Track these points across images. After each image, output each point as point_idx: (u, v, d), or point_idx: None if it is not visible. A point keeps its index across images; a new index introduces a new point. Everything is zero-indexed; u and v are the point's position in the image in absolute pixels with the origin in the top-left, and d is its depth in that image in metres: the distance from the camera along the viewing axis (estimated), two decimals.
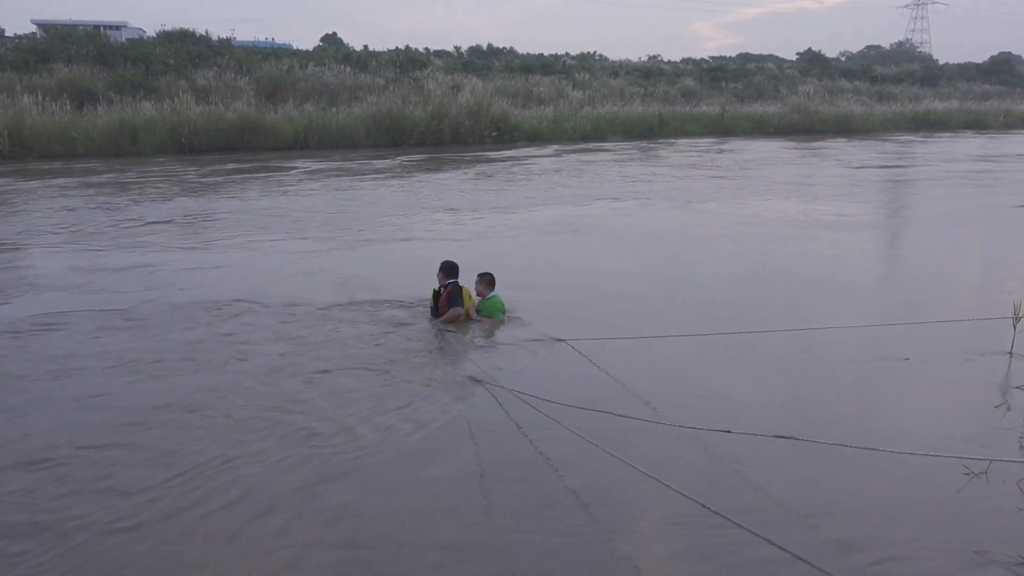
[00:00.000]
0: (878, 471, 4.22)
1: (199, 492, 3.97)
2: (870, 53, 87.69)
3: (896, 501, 3.96)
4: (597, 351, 6.03)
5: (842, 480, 4.15)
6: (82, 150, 22.75)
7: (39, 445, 4.47)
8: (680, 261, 9.91)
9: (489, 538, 3.61)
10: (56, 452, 4.37)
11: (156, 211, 13.30)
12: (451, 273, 6.86)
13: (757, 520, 3.62)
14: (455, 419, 4.91)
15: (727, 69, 49.12)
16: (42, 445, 4.46)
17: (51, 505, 3.83)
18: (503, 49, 61.82)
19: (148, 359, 5.91)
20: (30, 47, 32.10)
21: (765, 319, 6.93)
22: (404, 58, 39.76)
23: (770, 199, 14.96)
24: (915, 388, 5.60)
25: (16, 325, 6.69)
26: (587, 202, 14.39)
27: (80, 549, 3.48)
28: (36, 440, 4.54)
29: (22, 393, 5.24)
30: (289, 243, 10.56)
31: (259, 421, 4.84)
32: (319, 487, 4.05)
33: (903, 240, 11.94)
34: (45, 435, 4.59)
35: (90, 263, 9.26)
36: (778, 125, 36.22)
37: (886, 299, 8.20)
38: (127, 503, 3.84)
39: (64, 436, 4.56)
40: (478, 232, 11.48)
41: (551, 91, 36.60)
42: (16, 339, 6.36)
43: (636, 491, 3.99)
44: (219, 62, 31.79)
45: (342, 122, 27.00)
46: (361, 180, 17.83)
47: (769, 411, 5.09)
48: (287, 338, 6.43)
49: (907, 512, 3.86)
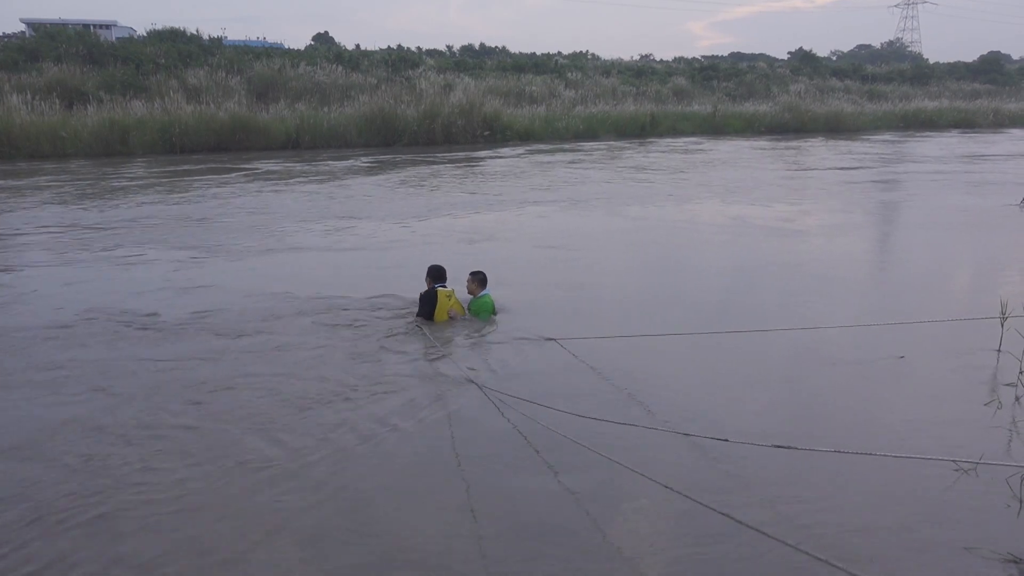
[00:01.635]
0: (871, 470, 4.22)
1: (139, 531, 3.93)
2: (861, 52, 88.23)
3: (888, 501, 3.96)
4: (586, 351, 6.03)
5: (836, 482, 4.15)
6: (72, 150, 22.60)
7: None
8: (544, 265, 9.28)
9: (472, 546, 3.58)
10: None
11: (42, 218, 12.37)
12: (436, 277, 6.92)
13: (754, 519, 3.62)
14: (440, 422, 4.89)
15: (719, 68, 49.27)
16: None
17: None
18: (495, 48, 61.89)
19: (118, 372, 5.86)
20: (19, 46, 31.88)
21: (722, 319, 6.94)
22: (396, 57, 39.70)
23: (689, 202, 14.45)
24: (908, 386, 5.61)
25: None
26: (508, 207, 13.62)
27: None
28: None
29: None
30: (162, 252, 9.85)
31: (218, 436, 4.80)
32: (293, 497, 4.02)
33: (812, 242, 11.73)
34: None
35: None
36: (769, 124, 36.33)
37: (872, 299, 8.23)
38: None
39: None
40: (367, 241, 10.65)
41: (543, 90, 36.60)
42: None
43: (630, 491, 3.99)
44: (210, 61, 31.65)
45: (334, 122, 26.92)
46: (290, 184, 16.79)
47: (764, 413, 5.08)
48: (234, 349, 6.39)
49: (898, 512, 3.86)
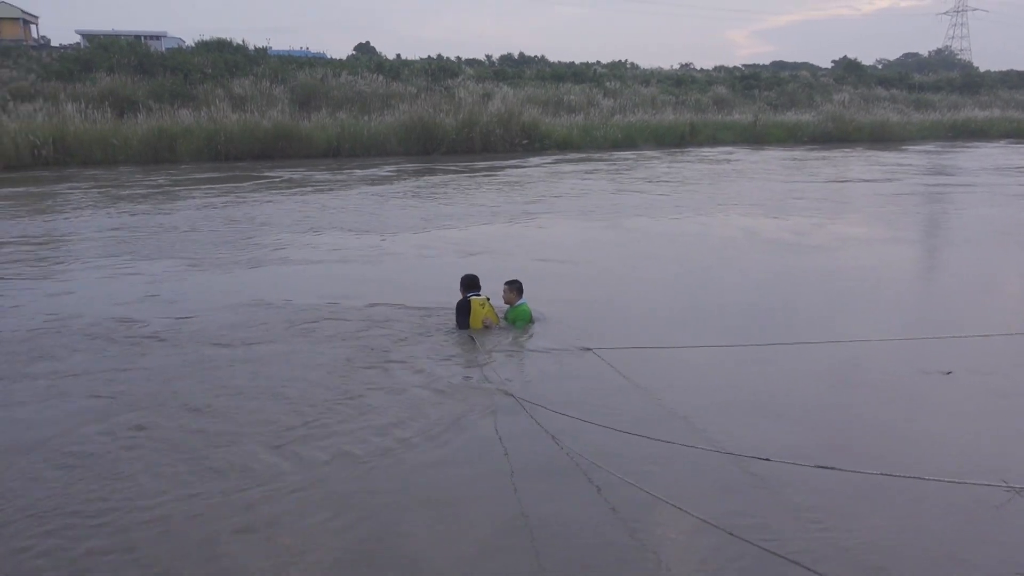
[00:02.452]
0: (919, 493, 4.08)
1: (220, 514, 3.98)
2: (908, 61, 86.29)
3: (938, 526, 3.83)
4: (624, 362, 5.97)
5: (881, 505, 4.02)
6: (122, 157, 23.33)
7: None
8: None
9: (504, 566, 3.55)
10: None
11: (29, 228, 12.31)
12: (469, 286, 6.95)
13: (796, 550, 3.54)
14: (476, 435, 4.88)
15: (760, 77, 48.68)
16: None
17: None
18: (534, 58, 62.04)
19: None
20: (74, 57, 33.08)
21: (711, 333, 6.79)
22: (436, 67, 40.11)
23: (720, 214, 13.91)
24: (955, 403, 5.43)
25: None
26: (492, 221, 13.10)
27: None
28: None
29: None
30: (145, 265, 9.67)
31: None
32: (335, 502, 4.05)
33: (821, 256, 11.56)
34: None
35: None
36: (812, 134, 35.70)
37: (918, 312, 8.00)
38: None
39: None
40: (345, 254, 10.42)
41: (582, 99, 36.57)
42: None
43: (666, 519, 3.93)
44: (255, 71, 32.41)
45: (374, 130, 27.28)
46: (333, 192, 16.95)
47: (805, 430, 4.97)
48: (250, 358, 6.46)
49: (949, 538, 3.73)
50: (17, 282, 8.79)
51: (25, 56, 33.64)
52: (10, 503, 3.93)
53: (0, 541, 3.60)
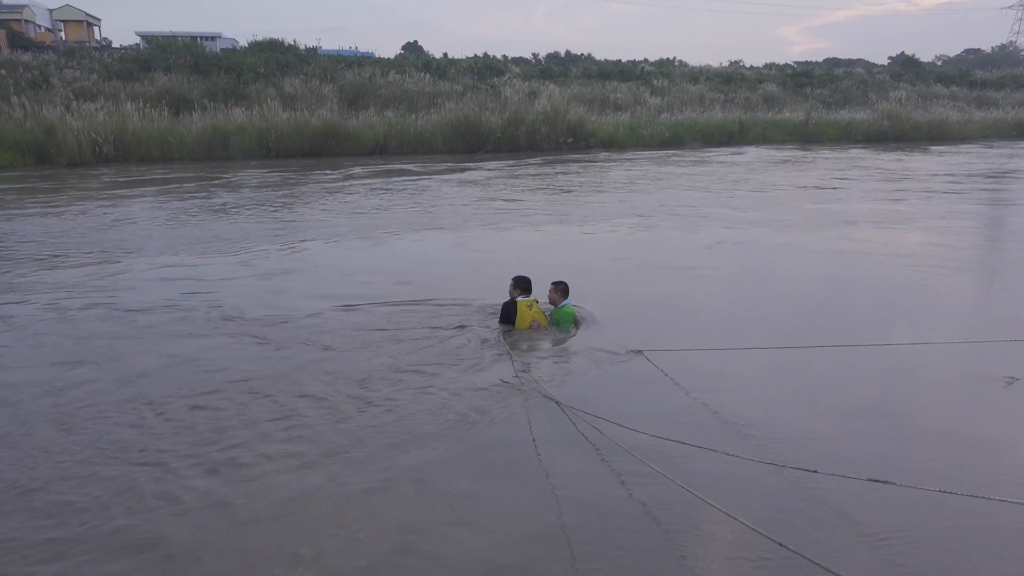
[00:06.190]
0: (981, 512, 3.91)
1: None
2: (969, 57, 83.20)
3: (1001, 548, 3.67)
4: (672, 365, 5.89)
5: (939, 524, 3.88)
6: (178, 154, 24.05)
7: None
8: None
9: (556, 566, 3.55)
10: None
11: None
12: (523, 288, 6.97)
13: (847, 568, 3.44)
14: (517, 441, 4.87)
15: (813, 74, 47.53)
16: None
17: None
18: (581, 56, 61.73)
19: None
20: (134, 57, 34.17)
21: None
22: (482, 65, 40.27)
23: (776, 213, 13.66)
24: (1020, 412, 5.21)
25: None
26: (442, 228, 12.25)
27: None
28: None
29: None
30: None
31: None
32: (378, 498, 4.09)
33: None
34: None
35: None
36: (867, 132, 34.70)
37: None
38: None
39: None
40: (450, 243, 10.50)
41: (628, 97, 36.26)
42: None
43: (714, 530, 3.86)
44: (305, 70, 33.03)
45: (420, 128, 27.53)
46: (384, 188, 17.06)
47: (856, 439, 4.82)
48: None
49: (1015, 561, 3.58)
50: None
51: (88, 57, 34.85)
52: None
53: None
